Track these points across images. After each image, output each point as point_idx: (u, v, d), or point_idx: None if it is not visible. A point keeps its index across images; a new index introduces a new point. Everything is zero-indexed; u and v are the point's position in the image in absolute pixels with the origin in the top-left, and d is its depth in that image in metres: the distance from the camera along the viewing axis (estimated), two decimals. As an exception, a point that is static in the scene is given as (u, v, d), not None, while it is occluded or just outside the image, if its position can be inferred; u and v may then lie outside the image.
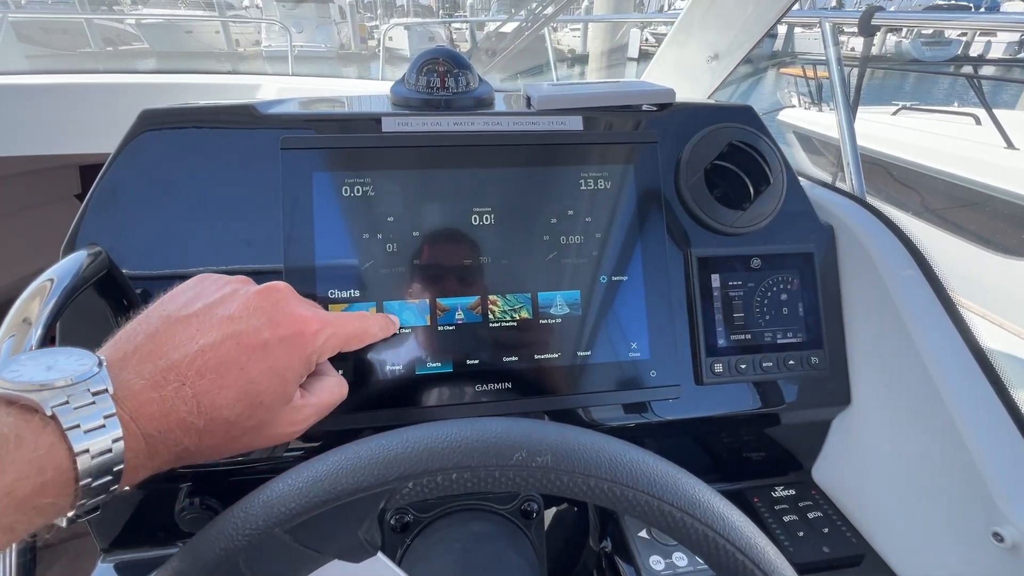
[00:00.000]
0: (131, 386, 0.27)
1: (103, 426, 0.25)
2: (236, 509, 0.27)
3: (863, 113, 3.85)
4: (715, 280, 0.59)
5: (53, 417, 0.24)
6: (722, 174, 0.61)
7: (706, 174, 0.60)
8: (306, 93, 1.26)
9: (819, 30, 1.47)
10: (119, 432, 0.25)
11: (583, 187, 0.57)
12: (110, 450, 0.25)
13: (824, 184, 0.69)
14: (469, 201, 0.55)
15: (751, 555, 0.28)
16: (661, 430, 0.61)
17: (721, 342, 0.58)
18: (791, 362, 0.58)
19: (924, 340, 0.54)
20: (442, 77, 0.62)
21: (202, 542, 0.26)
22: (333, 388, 0.41)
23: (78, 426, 0.24)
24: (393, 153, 0.55)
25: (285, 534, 0.26)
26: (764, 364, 0.58)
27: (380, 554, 0.29)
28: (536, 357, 0.54)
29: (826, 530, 0.59)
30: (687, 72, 0.97)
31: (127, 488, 0.28)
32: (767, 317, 0.59)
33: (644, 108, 0.62)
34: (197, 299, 0.34)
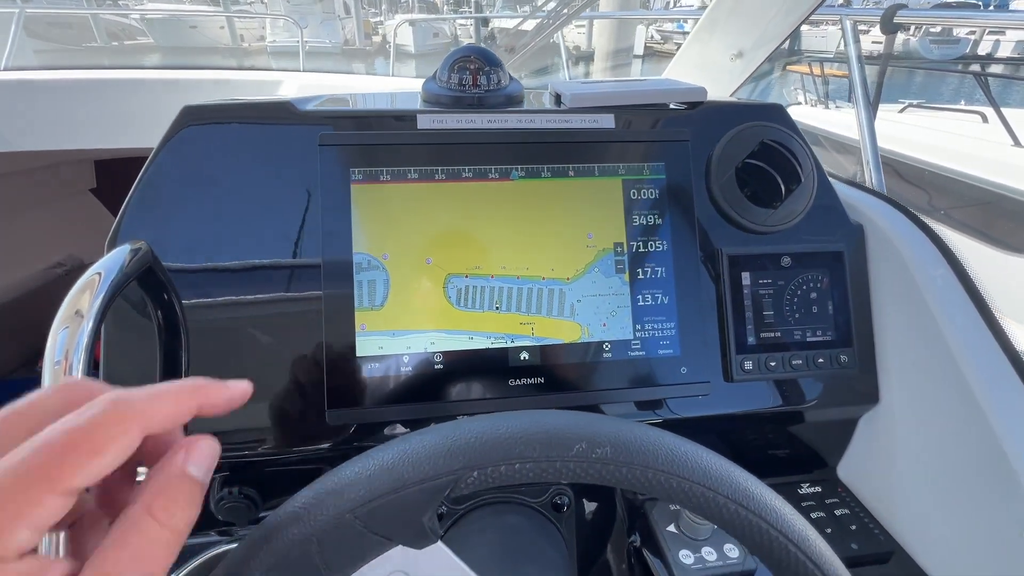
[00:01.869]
0: None
1: None
2: (305, 494, 0.27)
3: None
4: (745, 278, 0.59)
5: None
6: (752, 173, 0.61)
7: (737, 172, 0.60)
8: (327, 90, 1.26)
9: (825, 28, 1.47)
10: None
11: (614, 185, 0.57)
12: None
13: (852, 183, 0.69)
14: (501, 197, 0.56)
15: (803, 548, 0.28)
16: (690, 426, 0.61)
17: (751, 340, 0.58)
18: (820, 360, 0.59)
19: (957, 339, 0.54)
20: (474, 75, 0.62)
21: (272, 528, 0.27)
22: (121, 551, 0.19)
23: None
24: (429, 150, 0.55)
25: (356, 520, 0.26)
26: (793, 362, 0.58)
27: (440, 542, 0.30)
28: (569, 353, 0.55)
29: (854, 527, 0.59)
30: (710, 70, 0.97)
31: None
32: (797, 315, 0.59)
33: (674, 106, 0.62)
34: None
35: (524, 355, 0.55)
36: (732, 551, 0.56)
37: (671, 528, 0.57)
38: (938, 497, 0.56)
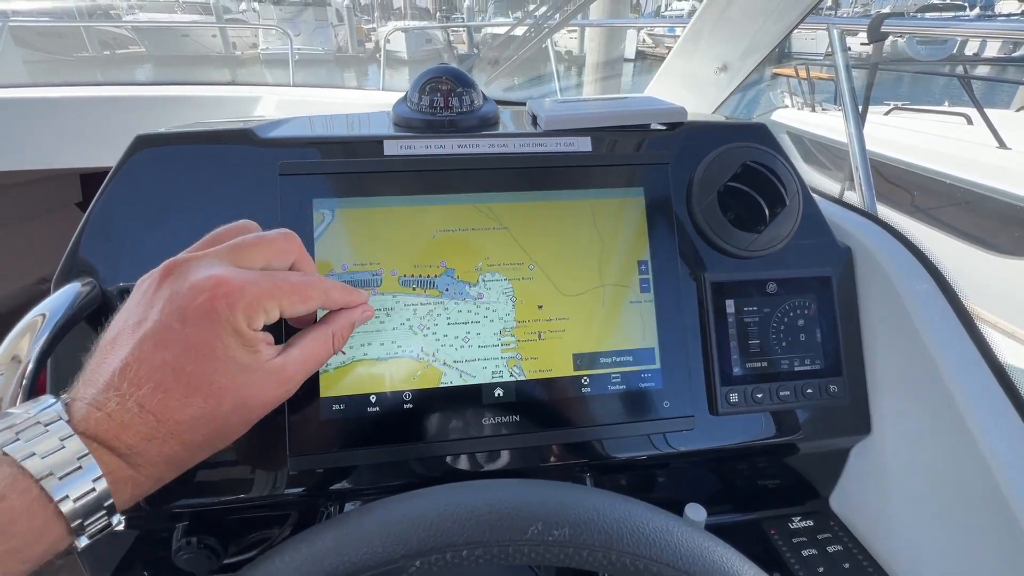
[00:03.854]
0: (82, 410, 0.28)
1: (62, 447, 0.26)
2: None
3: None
4: (730, 306, 0.56)
5: (4, 455, 0.25)
6: (735, 195, 0.59)
7: (719, 196, 0.58)
8: (308, 106, 1.24)
9: (815, 30, 1.46)
10: (82, 451, 0.26)
11: (593, 210, 0.55)
12: (80, 467, 0.26)
13: (840, 202, 0.67)
14: (472, 222, 0.53)
15: None
16: (675, 461, 0.59)
17: (736, 370, 0.56)
18: (809, 391, 0.56)
19: (948, 367, 0.52)
20: (445, 96, 0.60)
21: None
22: (318, 340, 0.38)
23: (34, 453, 0.25)
24: (395, 178, 0.53)
25: None
26: (781, 393, 0.56)
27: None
28: (546, 389, 0.52)
29: (847, 565, 0.57)
30: (694, 83, 0.95)
31: (126, 509, 0.29)
32: (784, 344, 0.57)
33: (653, 126, 0.60)
34: (117, 323, 0.34)
35: (499, 392, 0.52)
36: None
37: None
38: (932, 531, 0.53)
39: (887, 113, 3.90)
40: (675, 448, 0.55)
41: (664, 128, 0.60)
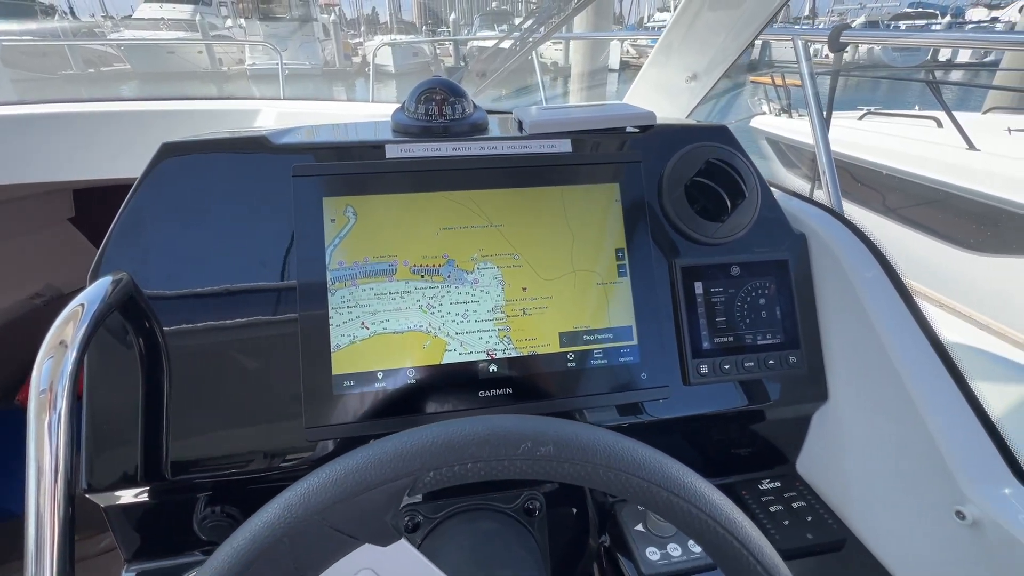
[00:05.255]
0: None
1: None
2: (277, 502, 0.30)
3: (833, 119, 3.99)
4: (698, 287, 0.63)
5: None
6: (701, 189, 0.66)
7: (686, 189, 0.64)
8: (305, 118, 1.30)
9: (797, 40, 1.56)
10: None
11: (574, 204, 0.61)
12: None
13: (797, 195, 0.74)
14: (469, 220, 0.60)
15: (731, 529, 0.32)
16: (654, 429, 0.65)
17: (706, 345, 0.62)
18: (771, 362, 0.63)
19: (890, 338, 0.59)
20: (439, 105, 0.66)
21: (247, 532, 0.29)
22: None
23: None
24: (397, 177, 0.59)
25: (323, 521, 0.29)
26: (746, 364, 0.62)
27: (404, 540, 0.33)
28: (535, 364, 0.58)
29: (809, 518, 0.63)
30: (668, 91, 1.03)
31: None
32: (747, 320, 0.63)
33: (628, 129, 0.67)
34: None
35: (493, 368, 0.58)
36: (696, 546, 0.59)
37: (639, 527, 0.60)
38: (882, 485, 0.60)
39: (861, 118, 4.05)
40: (654, 416, 0.61)
41: (637, 130, 0.67)
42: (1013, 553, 0.46)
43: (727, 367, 0.62)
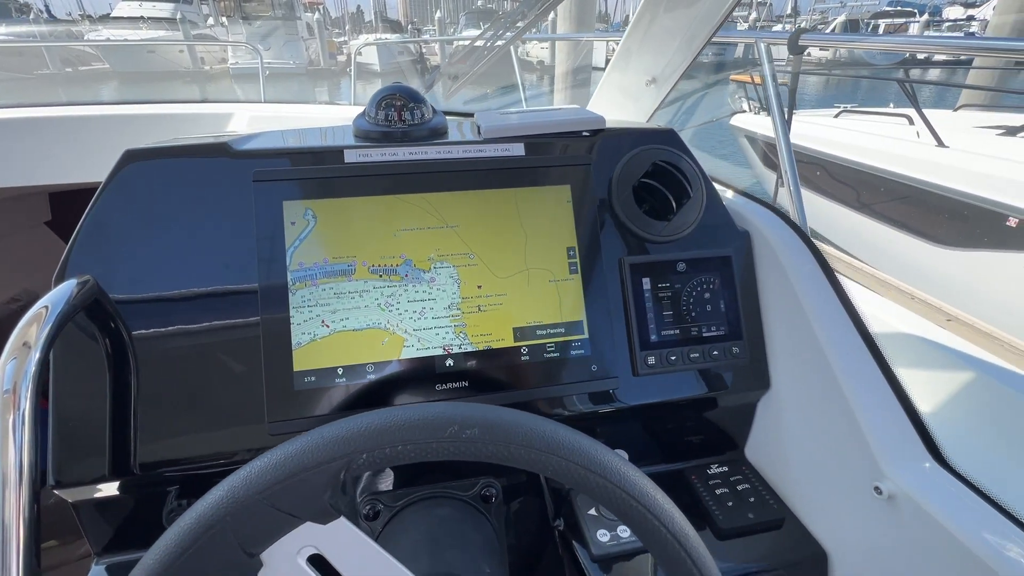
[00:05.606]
0: None
1: None
2: (222, 484, 0.33)
3: (810, 117, 4.09)
4: (646, 283, 0.67)
5: None
6: (649, 190, 0.69)
7: (635, 190, 0.68)
8: (280, 121, 1.31)
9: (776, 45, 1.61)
10: None
11: (527, 205, 0.64)
12: None
13: (743, 194, 0.78)
14: (426, 222, 0.62)
15: (642, 501, 0.35)
16: (608, 419, 0.68)
17: (653, 337, 0.66)
18: (715, 352, 0.67)
19: (822, 329, 0.63)
20: (399, 111, 0.69)
21: (194, 513, 0.32)
22: None
23: None
24: (355, 181, 0.61)
25: (265, 501, 0.32)
26: (691, 355, 0.66)
27: (343, 518, 0.35)
28: (490, 358, 0.61)
29: (752, 500, 0.67)
30: (630, 94, 1.06)
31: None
32: (693, 314, 0.67)
33: (583, 133, 0.70)
34: None
35: (449, 362, 0.61)
36: (644, 527, 0.63)
37: (591, 512, 0.64)
38: (816, 466, 0.64)
39: (837, 115, 4.14)
40: (604, 405, 0.64)
41: (588, 134, 0.70)
42: (923, 523, 0.50)
43: (673, 358, 0.65)
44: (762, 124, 4.16)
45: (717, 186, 0.76)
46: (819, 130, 3.73)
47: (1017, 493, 0.50)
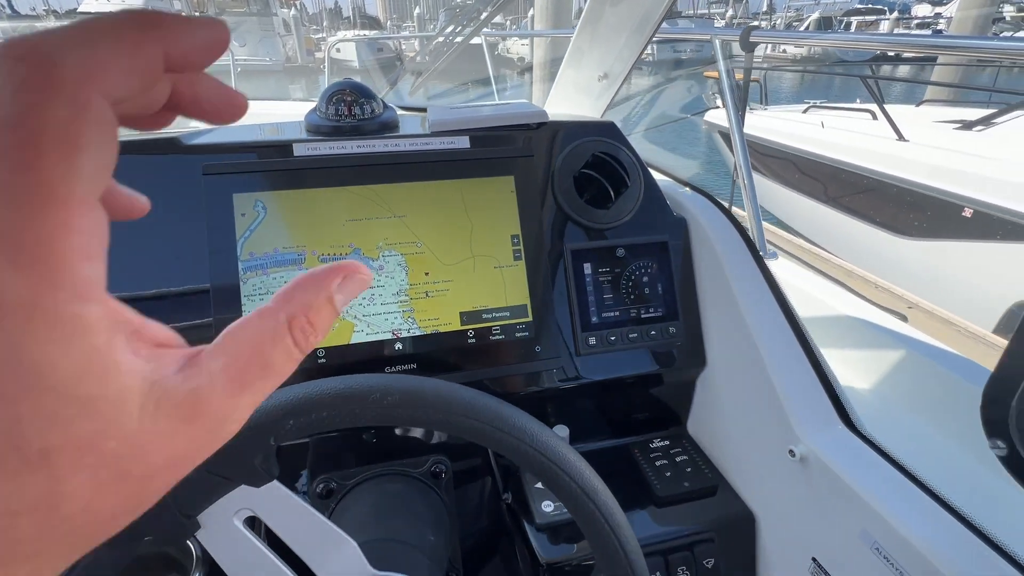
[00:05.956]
0: None
1: None
2: None
3: (780, 112, 4.19)
4: (587, 268, 0.70)
5: None
6: (589, 180, 0.73)
7: (576, 180, 0.71)
8: (244, 118, 1.31)
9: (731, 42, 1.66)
10: None
11: (472, 195, 0.68)
12: None
13: (681, 182, 0.82)
14: (374, 212, 0.65)
15: (552, 458, 0.38)
16: (554, 397, 0.72)
17: (594, 319, 0.69)
18: (653, 332, 0.71)
19: (749, 309, 0.67)
20: (349, 106, 0.71)
21: None
22: (263, 336, 0.17)
23: None
24: (304, 174, 0.64)
25: (200, 465, 0.35)
26: (630, 336, 0.70)
27: (277, 482, 0.38)
28: (438, 342, 0.64)
29: (689, 469, 0.71)
30: (585, 90, 1.10)
31: None
32: (632, 297, 0.71)
33: (531, 126, 0.73)
34: None
35: (399, 345, 0.64)
36: (586, 497, 0.67)
37: (538, 485, 0.67)
38: (745, 435, 0.68)
39: (805, 111, 4.25)
40: (549, 385, 0.68)
41: (532, 127, 0.73)
42: (830, 481, 0.55)
43: (613, 339, 0.69)
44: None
45: (657, 175, 0.80)
46: (786, 124, 3.83)
47: (917, 451, 0.55)
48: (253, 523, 0.39)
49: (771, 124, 3.91)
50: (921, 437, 0.70)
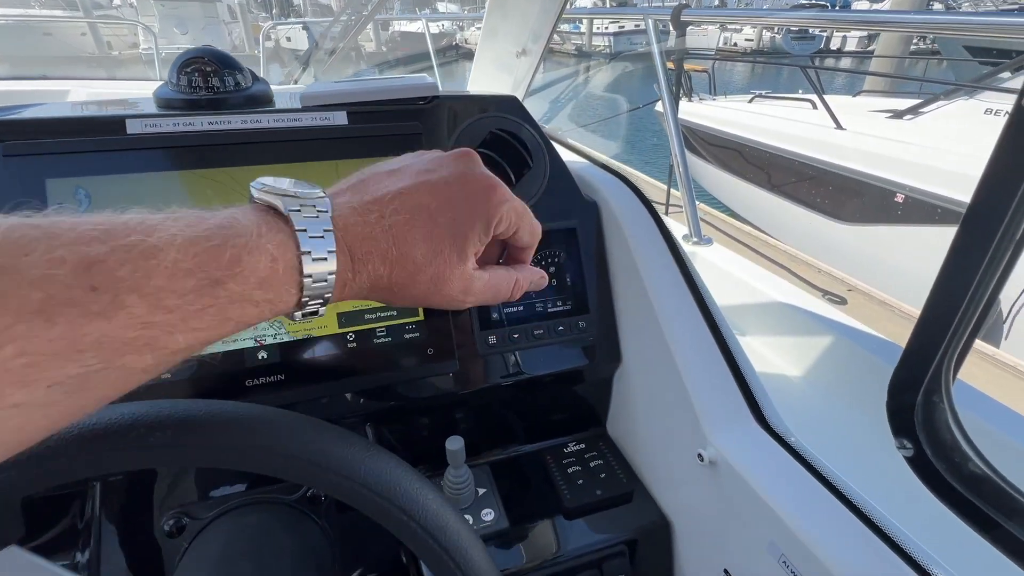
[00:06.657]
0: (342, 210, 0.31)
1: (323, 237, 0.29)
2: None
3: (726, 103, 4.25)
4: (486, 259, 0.63)
5: (288, 219, 0.28)
6: (489, 161, 0.65)
7: (472, 161, 0.64)
8: (113, 97, 1.18)
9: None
10: (333, 245, 0.29)
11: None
12: (326, 258, 0.29)
13: (594, 162, 0.76)
14: (232, 199, 0.56)
15: (349, 475, 0.31)
16: (453, 404, 0.64)
17: (494, 315, 0.62)
18: (560, 328, 0.64)
19: (659, 301, 0.62)
20: (205, 76, 0.61)
21: None
22: (505, 277, 0.39)
23: (305, 230, 0.28)
24: (140, 155, 0.54)
25: None
26: (536, 332, 0.63)
27: (14, 546, 0.29)
28: (311, 347, 0.56)
29: (603, 475, 0.66)
30: (505, 68, 1.03)
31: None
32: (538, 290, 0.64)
33: (420, 101, 0.65)
34: (402, 161, 0.37)
35: (262, 354, 0.55)
36: (488, 515, 0.60)
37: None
38: (659, 437, 0.63)
39: (751, 101, 4.33)
40: (445, 390, 0.61)
41: (421, 102, 0.65)
42: (738, 486, 0.50)
43: (516, 336, 0.63)
44: (684, 109, 4.28)
45: (569, 155, 0.73)
46: (732, 114, 3.89)
47: (832, 446, 0.51)
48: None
49: (717, 113, 3.96)
50: (839, 428, 0.67)
